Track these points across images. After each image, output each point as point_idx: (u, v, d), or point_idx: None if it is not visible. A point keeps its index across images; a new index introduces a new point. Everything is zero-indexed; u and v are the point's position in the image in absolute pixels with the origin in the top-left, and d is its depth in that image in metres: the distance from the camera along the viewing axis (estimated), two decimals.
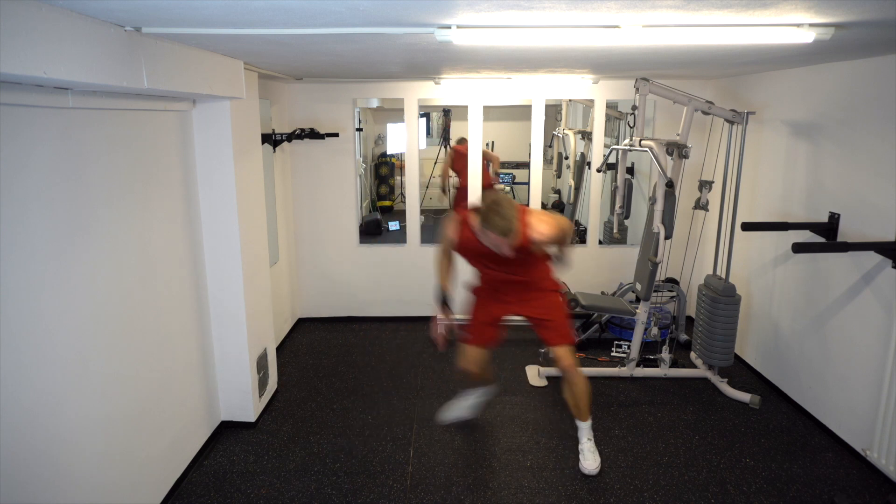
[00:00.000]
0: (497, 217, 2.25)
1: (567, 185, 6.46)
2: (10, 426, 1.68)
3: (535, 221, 2.43)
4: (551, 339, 2.71)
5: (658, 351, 3.84)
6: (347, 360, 4.08)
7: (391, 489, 2.68)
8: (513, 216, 2.26)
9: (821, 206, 3.16)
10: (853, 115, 2.94)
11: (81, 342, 2.00)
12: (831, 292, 3.07)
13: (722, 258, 3.56)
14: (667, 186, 3.30)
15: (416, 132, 4.56)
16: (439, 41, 1.97)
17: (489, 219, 2.26)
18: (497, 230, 2.26)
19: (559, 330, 2.71)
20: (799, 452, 2.98)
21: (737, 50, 2.57)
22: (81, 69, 1.62)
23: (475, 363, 2.77)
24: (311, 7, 1.60)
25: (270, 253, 3.67)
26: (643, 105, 3.33)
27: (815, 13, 1.73)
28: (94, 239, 2.05)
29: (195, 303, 2.86)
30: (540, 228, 2.41)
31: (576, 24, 1.86)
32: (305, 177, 4.57)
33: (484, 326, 2.79)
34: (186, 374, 2.79)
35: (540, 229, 2.41)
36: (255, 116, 3.21)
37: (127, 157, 2.26)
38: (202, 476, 2.78)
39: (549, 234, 2.43)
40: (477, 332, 2.78)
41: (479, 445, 3.03)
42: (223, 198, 2.89)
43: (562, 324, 2.72)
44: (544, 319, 2.72)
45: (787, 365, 3.49)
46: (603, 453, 2.94)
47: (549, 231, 2.42)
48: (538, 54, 2.75)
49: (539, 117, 4.54)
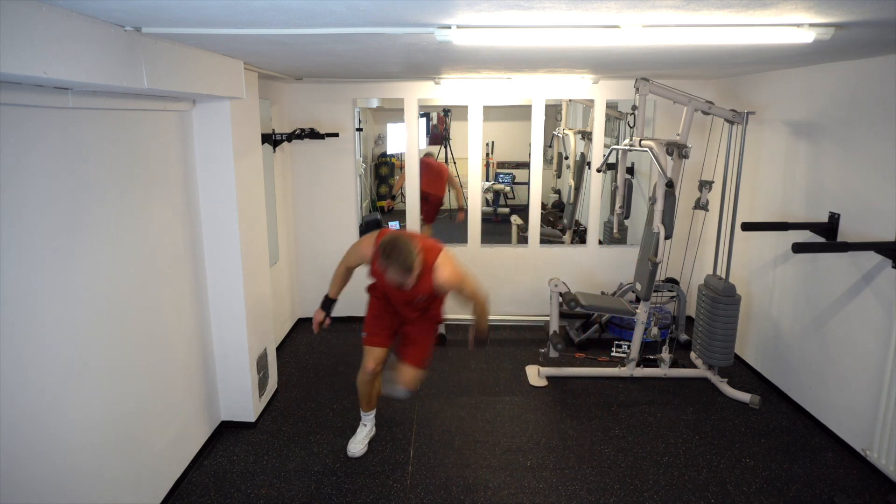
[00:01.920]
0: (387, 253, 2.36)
1: (567, 185, 6.45)
2: (10, 426, 1.68)
3: (441, 267, 2.54)
4: (407, 357, 2.84)
5: (658, 351, 3.84)
6: (347, 360, 4.07)
7: (391, 489, 2.68)
8: (403, 257, 2.34)
9: (821, 206, 3.16)
10: (853, 115, 2.94)
11: (81, 342, 2.00)
12: (831, 292, 3.07)
13: (722, 258, 3.56)
14: (667, 186, 3.30)
15: (416, 132, 4.56)
16: (439, 41, 1.97)
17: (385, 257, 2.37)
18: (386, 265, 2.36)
19: (418, 355, 2.83)
20: (799, 452, 2.98)
21: (737, 50, 2.57)
22: (81, 69, 1.62)
23: (375, 361, 2.83)
24: (311, 7, 1.60)
25: (270, 253, 3.66)
26: (643, 105, 3.33)
27: (815, 13, 1.73)
28: (94, 239, 2.05)
29: (195, 303, 2.86)
30: (442, 274, 2.53)
31: (576, 24, 1.86)
32: (305, 177, 4.57)
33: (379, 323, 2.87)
34: (186, 374, 2.79)
35: (442, 275, 2.53)
36: (255, 116, 3.21)
37: (127, 157, 2.26)
38: (202, 476, 2.78)
39: (450, 282, 2.54)
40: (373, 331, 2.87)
41: (479, 445, 3.03)
42: (223, 198, 2.89)
43: (423, 350, 2.86)
44: (412, 341, 2.85)
45: (787, 365, 3.49)
46: (603, 453, 2.95)
47: (450, 279, 2.54)
48: (538, 54, 2.75)
49: (539, 117, 4.54)
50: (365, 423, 3.03)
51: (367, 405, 3.00)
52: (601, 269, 4.74)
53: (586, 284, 4.64)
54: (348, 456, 2.92)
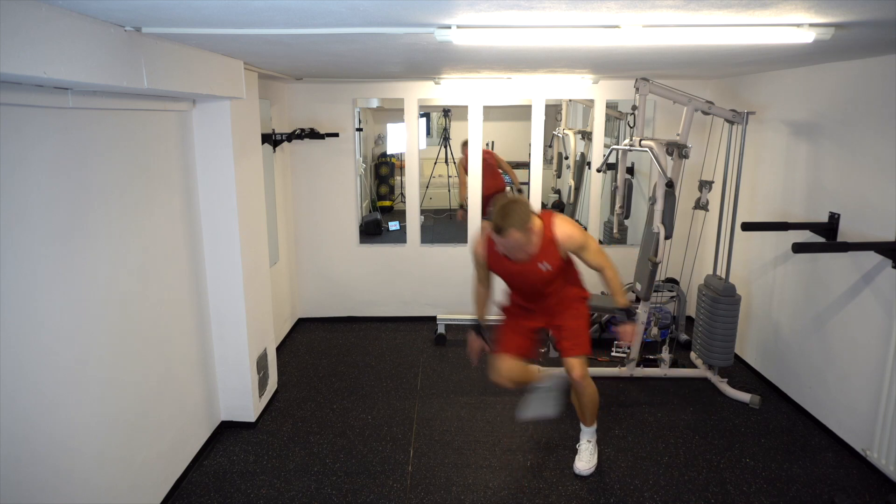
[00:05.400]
0: (500, 217, 2.24)
1: (567, 185, 6.46)
2: (10, 426, 1.68)
3: (560, 224, 2.44)
4: (566, 348, 2.65)
5: (658, 351, 3.84)
6: (347, 360, 4.08)
7: (391, 489, 2.68)
8: (516, 214, 2.24)
9: (821, 206, 3.16)
10: (853, 115, 2.94)
11: (81, 342, 2.00)
12: (831, 292, 3.07)
13: (722, 258, 3.56)
14: (667, 186, 3.30)
15: (416, 132, 4.56)
16: (439, 41, 1.97)
17: (494, 220, 2.25)
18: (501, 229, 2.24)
19: (575, 339, 2.63)
20: (799, 452, 2.98)
21: (737, 50, 2.57)
22: (81, 69, 1.62)
23: (507, 376, 2.67)
24: (311, 7, 1.60)
25: (270, 253, 3.67)
26: (643, 105, 3.33)
27: (815, 13, 1.73)
28: (94, 239, 2.05)
29: (195, 303, 2.86)
30: (563, 230, 2.43)
31: (576, 24, 1.86)
32: (305, 177, 4.57)
33: (514, 338, 2.71)
34: (186, 375, 2.79)
35: (563, 230, 2.42)
36: (255, 116, 3.21)
37: (127, 157, 2.26)
38: (202, 476, 2.78)
39: (572, 237, 2.43)
40: (507, 345, 2.70)
41: (479, 445, 3.03)
42: (223, 198, 2.89)
43: (579, 333, 2.65)
44: (563, 327, 2.67)
45: (787, 365, 3.49)
46: (603, 453, 2.95)
47: (572, 233, 2.43)
48: (538, 54, 2.75)
49: (539, 117, 4.54)
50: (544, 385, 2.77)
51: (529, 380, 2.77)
52: None
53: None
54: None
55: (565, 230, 2.43)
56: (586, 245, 2.48)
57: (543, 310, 2.68)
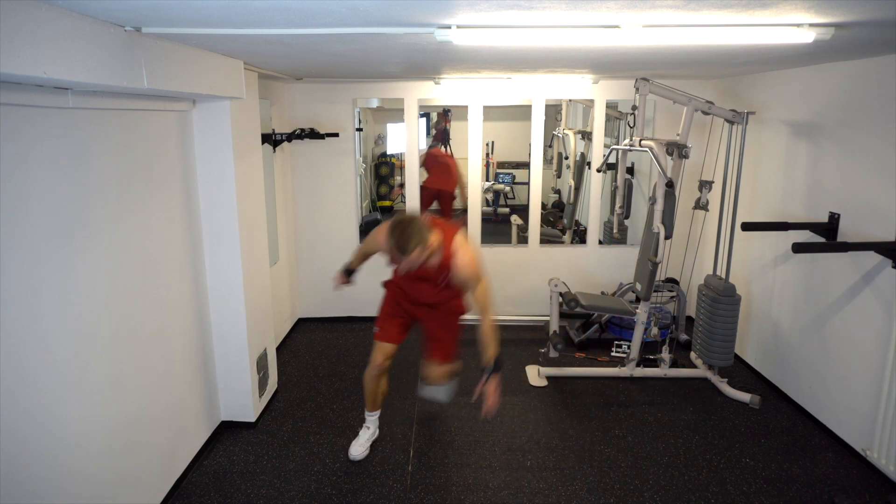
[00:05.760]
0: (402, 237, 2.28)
1: (567, 185, 6.46)
2: (11, 426, 1.68)
3: (460, 249, 2.46)
4: (433, 354, 2.85)
5: (658, 351, 3.84)
6: (347, 360, 4.08)
7: (391, 489, 2.68)
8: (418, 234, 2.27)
9: (821, 206, 3.16)
10: (853, 115, 2.94)
11: (81, 342, 2.00)
12: (831, 292, 3.07)
13: (722, 258, 3.56)
14: (667, 186, 3.30)
15: (416, 132, 4.56)
16: (439, 41, 1.97)
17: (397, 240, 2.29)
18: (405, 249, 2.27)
19: (442, 350, 2.85)
20: (799, 452, 2.98)
21: (737, 50, 2.57)
22: (81, 69, 1.62)
23: (384, 355, 2.80)
24: (311, 7, 1.60)
25: (270, 253, 3.66)
26: (643, 105, 3.33)
27: (815, 13, 1.73)
28: (94, 239, 2.05)
29: (195, 302, 2.86)
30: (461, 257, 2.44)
31: (576, 24, 1.86)
32: (305, 177, 4.57)
33: (392, 324, 2.83)
34: (186, 374, 2.79)
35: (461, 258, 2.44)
36: (255, 116, 3.21)
37: (127, 157, 2.26)
38: (202, 476, 2.78)
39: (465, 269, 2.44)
40: (386, 333, 2.82)
41: (479, 445, 3.03)
42: (223, 198, 2.89)
43: (448, 345, 2.87)
44: (435, 336, 2.85)
45: (787, 365, 3.49)
46: (603, 453, 2.95)
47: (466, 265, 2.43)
48: (538, 54, 2.75)
49: (539, 117, 4.54)
50: (368, 426, 3.02)
51: (371, 404, 2.98)
52: (601, 269, 4.74)
53: (586, 284, 4.64)
54: (349, 458, 2.92)
55: (464, 259, 2.45)
56: (477, 282, 2.48)
57: (424, 311, 2.82)
